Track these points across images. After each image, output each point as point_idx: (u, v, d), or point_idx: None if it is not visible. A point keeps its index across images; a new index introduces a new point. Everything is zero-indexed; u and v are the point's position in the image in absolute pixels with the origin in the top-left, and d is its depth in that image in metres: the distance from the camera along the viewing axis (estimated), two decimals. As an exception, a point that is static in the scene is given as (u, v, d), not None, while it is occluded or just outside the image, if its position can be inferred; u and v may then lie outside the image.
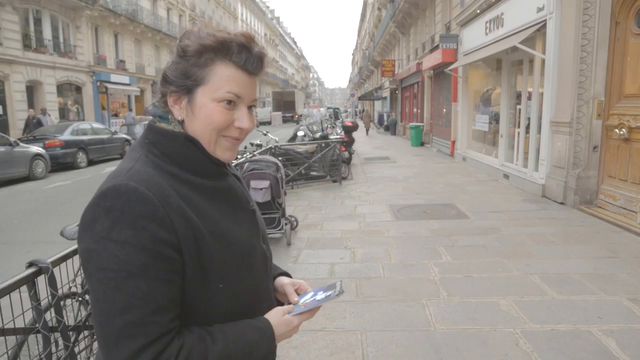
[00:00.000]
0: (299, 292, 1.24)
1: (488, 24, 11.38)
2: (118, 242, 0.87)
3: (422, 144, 20.44)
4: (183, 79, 0.99)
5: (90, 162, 16.07)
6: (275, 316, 1.09)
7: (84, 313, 2.98)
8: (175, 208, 0.93)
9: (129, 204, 0.89)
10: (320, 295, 1.18)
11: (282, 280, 1.28)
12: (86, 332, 3.02)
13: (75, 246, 2.74)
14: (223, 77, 0.99)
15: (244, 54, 1.01)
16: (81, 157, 15.43)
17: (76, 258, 2.76)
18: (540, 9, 8.41)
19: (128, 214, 0.88)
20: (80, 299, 3.00)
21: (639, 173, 6.28)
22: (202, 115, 1.00)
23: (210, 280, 0.98)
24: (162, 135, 1.03)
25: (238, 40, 1.01)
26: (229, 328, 1.00)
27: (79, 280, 2.92)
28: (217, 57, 0.99)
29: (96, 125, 17.92)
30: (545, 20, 8.23)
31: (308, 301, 1.17)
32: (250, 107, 1.06)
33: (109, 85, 26.62)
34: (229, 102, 1.00)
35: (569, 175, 7.49)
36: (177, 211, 0.93)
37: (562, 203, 7.57)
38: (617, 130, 6.66)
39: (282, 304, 1.23)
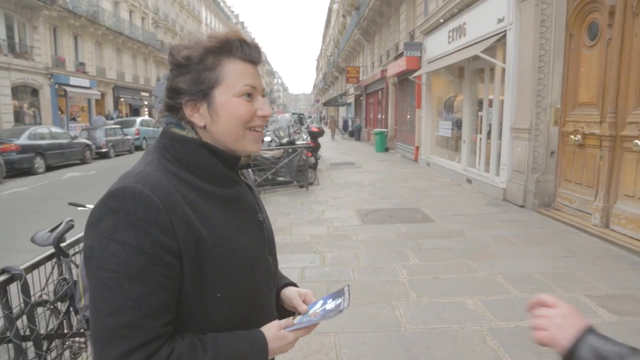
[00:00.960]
0: (306, 303, 1.23)
1: (451, 33, 11.72)
2: (119, 243, 0.89)
3: (386, 150, 20.75)
4: (197, 86, 1.01)
5: (49, 168, 15.58)
6: (271, 330, 1.08)
7: (55, 322, 2.92)
8: (179, 214, 0.94)
9: (134, 207, 0.91)
10: (330, 305, 1.16)
11: (289, 291, 1.28)
12: (57, 342, 2.96)
13: (47, 253, 2.70)
14: (235, 72, 1.03)
15: (245, 47, 1.05)
16: (39, 163, 14.95)
17: (48, 265, 2.72)
18: (500, 20, 8.73)
19: (132, 217, 0.90)
20: (51, 307, 2.93)
21: (592, 177, 6.61)
22: (227, 112, 1.02)
23: (208, 288, 0.99)
24: (175, 140, 1.04)
25: (235, 37, 1.04)
26: (222, 338, 1.00)
27: (50, 287, 2.87)
28: (222, 56, 1.02)
29: (55, 129, 17.40)
30: (506, 30, 8.55)
31: (318, 311, 1.16)
32: (264, 96, 1.10)
33: (68, 89, 25.83)
34: (248, 94, 1.04)
35: (528, 180, 7.80)
36: (181, 217, 0.94)
37: (522, 206, 7.86)
38: (572, 136, 6.98)
39: (292, 314, 1.22)
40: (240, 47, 1.04)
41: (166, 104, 1.07)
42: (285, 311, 1.25)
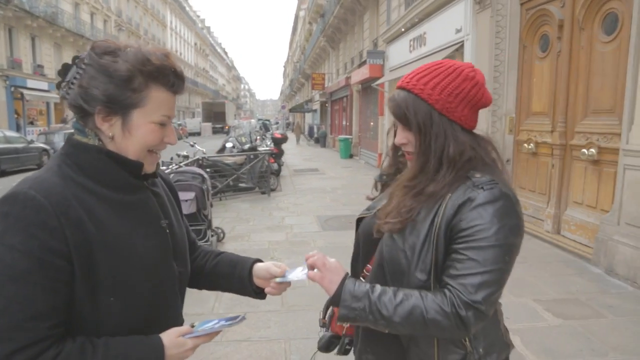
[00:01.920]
0: (281, 271, 1.34)
1: (412, 42, 11.93)
2: (7, 246, 0.90)
3: (350, 156, 20.90)
4: (116, 101, 1.02)
5: (3, 173, 15.01)
6: (169, 335, 1.08)
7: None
8: (72, 218, 0.96)
9: (24, 212, 0.92)
10: (222, 323, 1.18)
11: (261, 264, 1.39)
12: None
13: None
14: (157, 101, 1.06)
15: (173, 77, 1.07)
16: (-9, 167, 14.39)
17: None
18: (458, 30, 8.95)
19: (21, 221, 0.92)
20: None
21: (545, 184, 6.81)
22: (139, 134, 1.06)
23: (100, 292, 0.99)
24: (76, 147, 1.06)
25: (167, 64, 1.06)
26: (116, 342, 1.00)
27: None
28: (150, 82, 1.04)
29: (9, 133, 16.80)
30: (463, 41, 8.77)
31: (208, 327, 1.16)
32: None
33: (25, 91, 25.02)
34: (162, 123, 1.08)
35: (484, 187, 7.96)
36: (73, 222, 0.96)
37: (478, 213, 8.02)
38: (526, 144, 7.19)
39: (262, 290, 1.35)
40: (169, 78, 1.06)
41: (78, 106, 1.04)
42: (258, 288, 1.37)
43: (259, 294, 1.38)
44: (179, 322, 1.19)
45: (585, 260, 5.35)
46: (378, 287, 1.16)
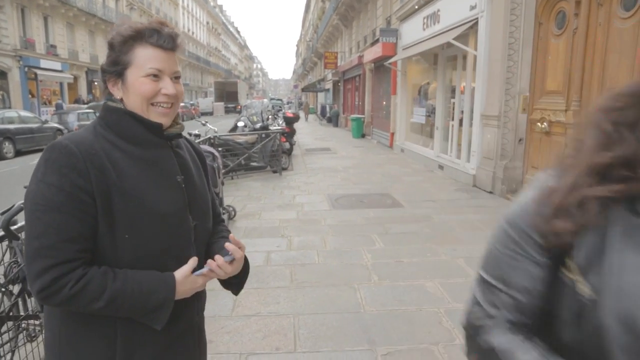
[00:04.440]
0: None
1: (425, 20, 11.74)
2: (46, 183, 1.12)
3: (363, 136, 20.80)
4: (114, 66, 1.25)
5: (19, 153, 15.21)
6: (181, 272, 1.25)
7: (7, 304, 2.88)
8: (96, 164, 1.16)
9: (59, 156, 1.14)
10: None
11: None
12: (10, 324, 2.92)
13: (-4, 235, 2.65)
14: (144, 57, 1.23)
15: (155, 35, 1.24)
16: (7, 147, 14.60)
17: (-2, 247, 2.67)
18: (472, 7, 8.78)
19: (56, 163, 1.13)
20: (3, 289, 2.89)
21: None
22: (134, 89, 1.24)
23: (116, 228, 1.17)
24: (107, 110, 1.28)
25: (150, 27, 1.24)
26: (133, 272, 1.19)
27: (1, 270, 2.82)
28: (135, 42, 1.23)
29: (24, 113, 16.95)
30: (477, 18, 8.61)
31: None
32: (177, 79, 1.29)
33: (39, 72, 25.12)
34: (154, 76, 1.24)
35: (497, 166, 7.92)
36: (98, 167, 1.15)
37: (490, 192, 8.00)
38: (539, 124, 7.10)
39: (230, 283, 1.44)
40: (149, 35, 1.23)
41: (102, 80, 1.30)
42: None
43: (230, 284, 1.47)
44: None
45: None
46: None
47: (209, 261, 1.29)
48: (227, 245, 1.31)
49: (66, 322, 1.22)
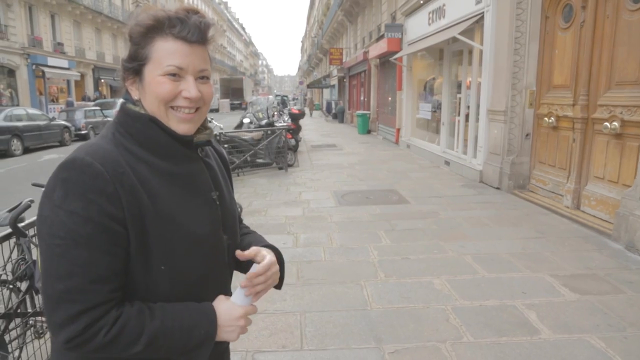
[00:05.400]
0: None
1: (431, 15, 11.66)
2: (68, 212, 0.92)
3: (368, 132, 20.75)
4: (131, 62, 1.05)
5: (27, 150, 15.31)
6: (220, 302, 1.10)
7: (15, 300, 2.89)
8: (126, 186, 0.97)
9: (82, 177, 0.94)
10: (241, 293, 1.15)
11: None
12: (17, 321, 2.94)
13: (4, 232, 2.66)
14: (163, 51, 1.02)
15: (179, 25, 1.03)
16: (16, 145, 14.68)
17: (5, 245, 2.68)
18: (478, 2, 8.70)
19: (80, 187, 0.93)
20: (10, 286, 2.91)
21: (565, 159, 6.68)
22: (151, 90, 1.04)
23: (152, 260, 1.01)
24: (128, 115, 1.08)
25: (174, 15, 1.04)
26: (172, 306, 1.02)
27: (9, 267, 2.83)
28: (155, 34, 1.03)
29: (32, 110, 17.04)
30: (483, 12, 8.53)
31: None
32: (203, 79, 1.08)
33: (46, 69, 25.23)
34: (174, 74, 1.03)
35: (503, 162, 7.87)
36: (128, 189, 0.97)
37: (497, 188, 7.95)
38: (546, 118, 7.04)
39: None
40: (171, 25, 1.03)
41: (122, 78, 1.11)
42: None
43: None
44: (228, 293, 1.19)
45: (605, 235, 5.27)
46: None
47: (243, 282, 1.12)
48: (243, 283, 1.12)
49: None
